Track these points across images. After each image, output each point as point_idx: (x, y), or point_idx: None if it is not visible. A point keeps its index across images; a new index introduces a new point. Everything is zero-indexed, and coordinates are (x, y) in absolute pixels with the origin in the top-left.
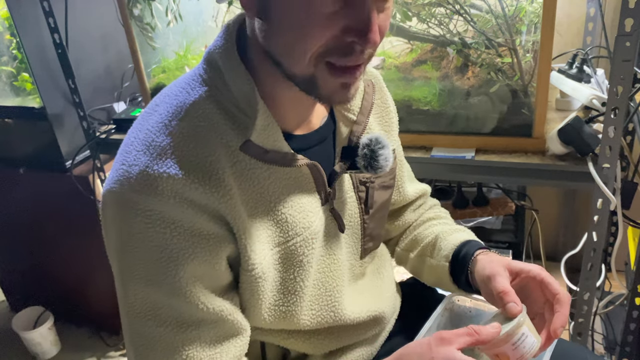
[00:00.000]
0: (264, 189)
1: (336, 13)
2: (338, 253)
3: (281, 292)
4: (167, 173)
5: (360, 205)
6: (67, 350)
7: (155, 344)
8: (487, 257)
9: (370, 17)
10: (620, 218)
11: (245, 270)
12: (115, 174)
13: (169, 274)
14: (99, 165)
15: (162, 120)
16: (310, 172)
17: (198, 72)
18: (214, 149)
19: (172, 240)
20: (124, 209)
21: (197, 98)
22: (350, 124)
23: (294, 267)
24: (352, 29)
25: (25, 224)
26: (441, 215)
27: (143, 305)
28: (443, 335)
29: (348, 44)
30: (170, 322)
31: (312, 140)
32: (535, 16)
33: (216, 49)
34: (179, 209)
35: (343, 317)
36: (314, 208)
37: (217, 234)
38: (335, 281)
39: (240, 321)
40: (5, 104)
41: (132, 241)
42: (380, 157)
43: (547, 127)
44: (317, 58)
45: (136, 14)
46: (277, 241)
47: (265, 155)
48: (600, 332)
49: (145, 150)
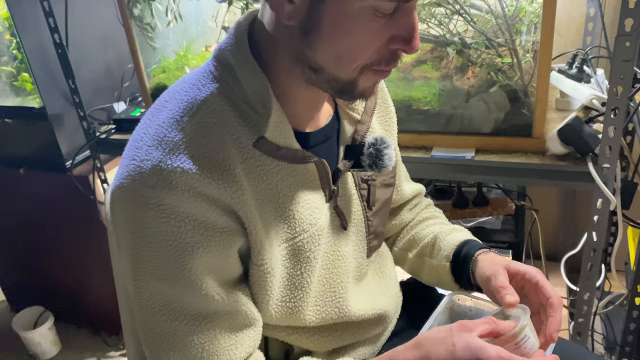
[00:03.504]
0: (273, 185)
1: (386, 23)
2: (343, 250)
3: (288, 287)
4: (180, 168)
5: (362, 203)
6: (67, 350)
7: (171, 338)
8: (487, 256)
9: (415, 25)
10: (620, 218)
11: (255, 265)
12: (126, 169)
13: (183, 268)
14: (99, 165)
15: (174, 116)
16: (316, 169)
17: (208, 69)
18: (225, 145)
19: (187, 234)
20: (137, 204)
21: (208, 94)
22: (355, 123)
23: (301, 263)
24: (399, 38)
25: (25, 224)
26: (436, 215)
27: (157, 301)
28: (464, 322)
29: (393, 51)
30: (185, 315)
31: (319, 138)
32: (535, 16)
33: (228, 47)
34: (193, 202)
35: (347, 313)
36: (319, 205)
37: (229, 227)
38: (339, 277)
39: (253, 312)
40: (5, 104)
41: (145, 236)
42: (385, 157)
43: (547, 127)
44: (364, 66)
45: (136, 14)
46: (285, 237)
47: (277, 152)
48: (600, 332)
49: (157, 145)
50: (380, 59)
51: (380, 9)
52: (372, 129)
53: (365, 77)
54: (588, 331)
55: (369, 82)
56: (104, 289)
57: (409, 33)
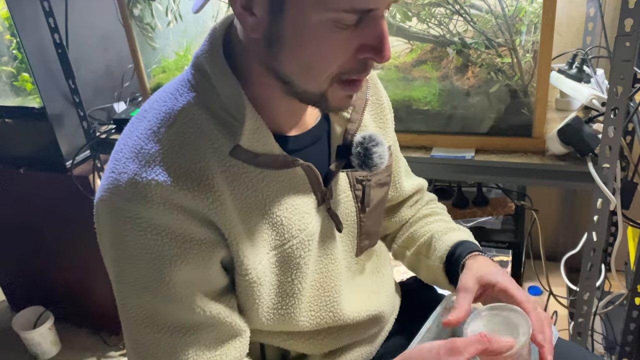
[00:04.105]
0: (258, 192)
1: (352, 33)
2: (335, 253)
3: (279, 295)
4: (155, 180)
5: (357, 204)
6: (67, 350)
7: (155, 350)
8: (474, 262)
9: (384, 34)
10: (620, 218)
11: (239, 275)
12: (106, 182)
13: (162, 280)
14: (99, 165)
15: (151, 127)
16: (305, 173)
17: (186, 78)
18: (203, 154)
19: (164, 247)
20: (115, 217)
21: (185, 104)
22: (345, 122)
23: (292, 269)
24: (367, 47)
25: (25, 224)
26: (437, 211)
27: (140, 312)
28: (455, 344)
29: (362, 60)
30: (168, 327)
31: (306, 140)
32: (535, 16)
33: (203, 54)
34: (170, 215)
35: (342, 316)
36: (309, 209)
37: (208, 239)
38: (333, 281)
39: (238, 322)
40: (5, 104)
41: (124, 249)
42: (374, 155)
43: (547, 127)
44: (333, 77)
45: (136, 14)
46: (273, 244)
47: (255, 160)
48: (600, 332)
49: (134, 157)
50: (350, 69)
51: (342, 20)
52: (365, 126)
53: (336, 89)
54: (588, 331)
55: (341, 95)
56: (104, 289)
57: (377, 41)
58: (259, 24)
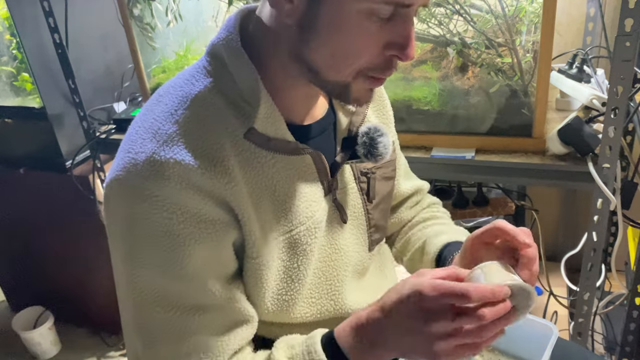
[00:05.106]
0: (269, 178)
1: (382, 28)
2: (341, 243)
3: (284, 280)
4: (173, 159)
5: (362, 196)
6: (67, 350)
7: (163, 330)
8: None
9: (411, 33)
10: (620, 218)
11: (249, 258)
12: (121, 162)
13: (176, 260)
14: (99, 165)
15: (168, 110)
16: (313, 161)
17: (202, 64)
18: (219, 137)
19: (179, 226)
20: (131, 196)
21: (202, 89)
22: (349, 114)
23: (298, 255)
24: (394, 44)
25: (25, 224)
26: (437, 215)
27: (150, 292)
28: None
29: (387, 58)
30: (178, 307)
31: (315, 130)
32: (535, 16)
33: (219, 41)
34: (186, 194)
35: (344, 307)
36: (317, 198)
37: (223, 219)
38: (336, 270)
39: (247, 309)
40: (5, 104)
41: (139, 227)
42: (379, 145)
43: (547, 127)
44: (359, 71)
45: (136, 14)
46: (282, 230)
47: (268, 143)
48: (600, 332)
49: (152, 137)
50: (375, 65)
51: (377, 12)
52: (368, 120)
53: (359, 83)
54: (588, 331)
55: (363, 88)
56: (104, 289)
57: (404, 40)
58: (295, 10)
